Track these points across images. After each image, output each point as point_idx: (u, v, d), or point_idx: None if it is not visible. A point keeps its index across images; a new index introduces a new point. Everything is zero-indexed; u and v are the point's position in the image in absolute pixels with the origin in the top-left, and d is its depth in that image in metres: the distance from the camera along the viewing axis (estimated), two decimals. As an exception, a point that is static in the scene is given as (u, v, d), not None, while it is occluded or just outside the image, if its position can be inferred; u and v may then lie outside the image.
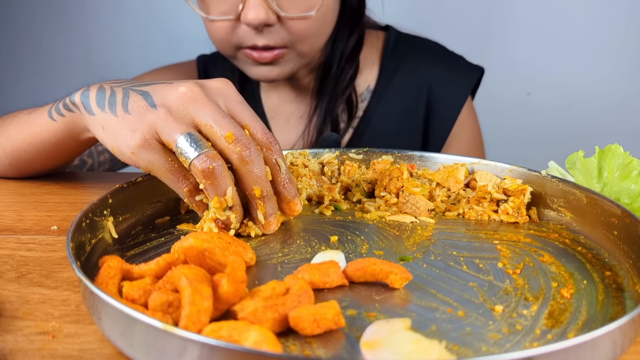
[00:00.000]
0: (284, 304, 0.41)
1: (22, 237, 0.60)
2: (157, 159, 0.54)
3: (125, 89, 0.58)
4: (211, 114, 0.53)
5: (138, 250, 0.55)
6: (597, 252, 0.56)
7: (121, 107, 0.57)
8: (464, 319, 0.44)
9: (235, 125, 0.53)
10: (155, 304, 0.41)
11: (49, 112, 0.67)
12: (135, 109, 0.55)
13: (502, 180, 0.66)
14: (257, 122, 0.56)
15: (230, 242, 0.50)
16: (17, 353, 0.40)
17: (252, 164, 0.53)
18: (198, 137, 0.52)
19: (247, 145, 0.53)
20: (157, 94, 0.56)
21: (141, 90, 0.57)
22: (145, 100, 0.56)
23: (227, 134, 0.52)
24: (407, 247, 0.56)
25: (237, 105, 0.56)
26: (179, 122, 0.53)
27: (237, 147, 0.52)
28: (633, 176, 0.62)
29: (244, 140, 0.53)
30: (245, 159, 0.52)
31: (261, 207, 0.55)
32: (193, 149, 0.52)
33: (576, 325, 0.44)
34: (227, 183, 0.53)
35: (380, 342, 0.39)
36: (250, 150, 0.53)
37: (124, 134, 0.55)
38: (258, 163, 0.53)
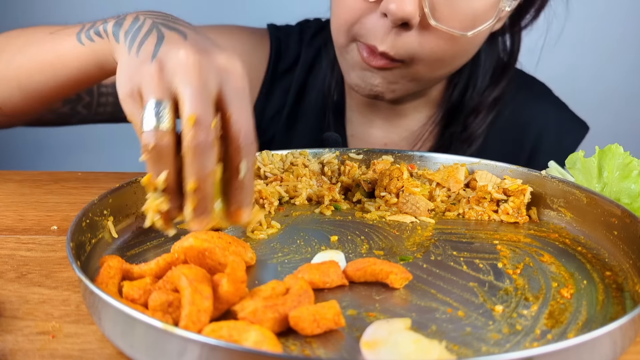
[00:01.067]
0: (284, 304, 0.41)
1: (22, 237, 0.60)
2: (136, 115, 0.52)
3: (153, 24, 0.56)
4: (192, 89, 0.49)
5: (138, 250, 0.55)
6: (597, 252, 0.56)
7: (137, 45, 0.55)
8: (464, 319, 0.44)
9: (206, 109, 0.49)
10: (155, 304, 0.41)
11: (77, 36, 0.64)
12: (142, 54, 0.53)
13: (502, 180, 0.66)
14: (242, 115, 0.51)
15: (230, 242, 0.50)
16: (17, 353, 0.40)
17: (198, 155, 0.49)
18: (167, 109, 0.49)
19: (202, 135, 0.48)
20: (166, 45, 0.53)
21: (161, 33, 0.55)
22: (154, 47, 0.53)
23: (190, 115, 0.48)
24: (407, 247, 0.56)
25: (232, 90, 0.51)
26: (160, 86, 0.50)
27: (192, 132, 0.48)
28: (633, 176, 0.62)
29: (202, 128, 0.48)
30: (193, 147, 0.48)
31: (192, 201, 0.50)
32: (152, 119, 0.49)
33: (576, 325, 0.44)
34: (165, 165, 0.50)
35: (380, 342, 0.39)
36: (201, 141, 0.48)
37: (123, 78, 0.54)
38: (205, 157, 0.49)
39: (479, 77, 0.91)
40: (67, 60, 0.66)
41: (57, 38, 0.67)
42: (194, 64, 0.50)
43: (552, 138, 0.96)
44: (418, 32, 0.73)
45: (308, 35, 0.99)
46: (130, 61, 0.54)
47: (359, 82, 0.81)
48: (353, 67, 0.80)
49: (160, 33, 0.55)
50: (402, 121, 0.95)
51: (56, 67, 0.67)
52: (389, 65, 0.76)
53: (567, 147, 0.95)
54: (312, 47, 0.98)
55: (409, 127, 0.96)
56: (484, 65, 0.90)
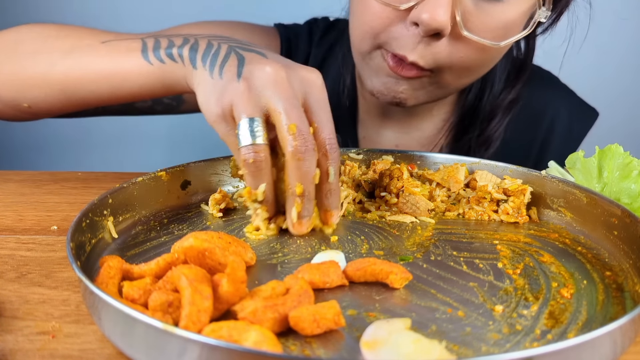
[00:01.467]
0: (284, 304, 0.41)
1: (22, 237, 0.60)
2: (230, 134, 0.55)
3: (229, 48, 0.58)
4: (284, 101, 0.53)
5: (138, 250, 0.55)
6: (597, 252, 0.56)
7: (218, 68, 0.57)
8: (464, 319, 0.44)
9: (302, 119, 0.53)
10: (155, 304, 0.41)
11: (143, 54, 0.64)
12: (226, 76, 0.56)
13: (502, 180, 0.66)
14: (327, 124, 0.55)
15: (230, 242, 0.50)
16: (17, 353, 0.40)
17: (303, 161, 0.53)
18: (259, 125, 0.53)
19: (305, 142, 0.52)
20: (249, 65, 0.55)
21: (240, 55, 0.57)
22: (237, 68, 0.56)
23: (290, 124, 0.52)
24: (407, 247, 0.56)
25: (316, 101, 0.55)
26: (251, 103, 0.54)
27: (295, 141, 0.52)
28: (633, 176, 0.62)
29: (304, 136, 0.52)
30: (298, 154, 0.52)
31: (298, 204, 0.55)
32: (247, 136, 0.53)
33: (576, 325, 0.44)
34: (262, 179, 0.54)
35: (380, 342, 0.39)
36: (306, 147, 0.52)
37: (212, 100, 0.56)
38: (309, 162, 0.53)
39: (495, 81, 0.91)
40: (129, 77, 0.65)
41: (115, 50, 0.66)
42: (283, 78, 0.54)
43: (564, 125, 0.96)
44: (448, 42, 0.71)
45: (317, 35, 0.99)
46: (215, 84, 0.56)
47: (382, 89, 0.79)
48: (377, 74, 0.79)
49: (239, 55, 0.57)
50: (416, 124, 0.95)
51: (114, 81, 0.66)
52: (418, 75, 0.75)
53: (578, 133, 0.96)
54: (321, 48, 0.98)
55: (423, 131, 0.95)
56: (499, 70, 0.90)
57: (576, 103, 0.99)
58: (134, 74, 0.65)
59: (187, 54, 0.61)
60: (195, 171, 0.67)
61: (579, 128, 0.97)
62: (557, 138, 0.96)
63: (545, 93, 0.97)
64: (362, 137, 0.98)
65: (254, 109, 0.54)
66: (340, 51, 0.96)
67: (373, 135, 0.97)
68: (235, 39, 0.62)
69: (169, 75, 0.63)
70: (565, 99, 0.98)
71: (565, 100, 0.98)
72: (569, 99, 0.99)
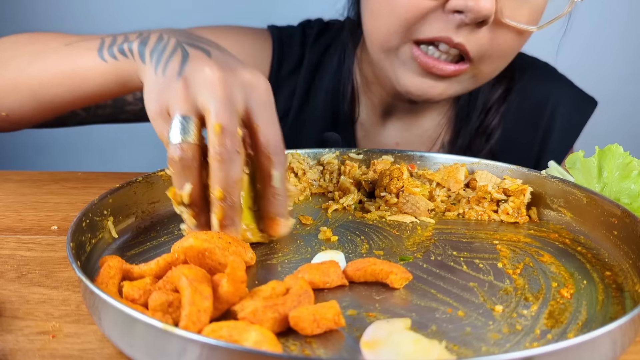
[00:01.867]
0: (284, 304, 0.41)
1: (22, 237, 0.60)
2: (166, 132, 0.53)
3: (177, 43, 0.58)
4: (216, 102, 0.51)
5: (138, 250, 0.55)
6: (597, 252, 0.56)
7: (163, 64, 0.56)
8: (464, 319, 0.44)
9: (231, 120, 0.50)
10: (155, 304, 0.41)
11: (99, 52, 0.64)
12: (168, 73, 0.55)
13: (502, 180, 0.66)
14: (270, 127, 0.53)
15: (230, 242, 0.50)
16: (17, 353, 0.40)
17: (224, 163, 0.49)
18: (192, 124, 0.51)
19: (227, 142, 0.49)
20: (191, 63, 0.54)
21: (185, 52, 0.56)
22: (180, 66, 0.55)
23: (215, 124, 0.50)
24: (407, 247, 0.56)
25: (258, 103, 0.53)
26: (186, 102, 0.52)
27: (217, 140, 0.49)
28: (633, 176, 0.62)
29: (228, 136, 0.49)
30: (217, 155, 0.49)
31: (218, 211, 0.51)
32: (177, 133, 0.51)
33: (576, 325, 0.44)
34: (188, 179, 0.51)
35: (380, 342, 0.39)
36: (227, 148, 0.49)
37: (152, 97, 0.55)
38: (232, 164, 0.50)
39: None
40: (87, 76, 0.66)
41: (75, 51, 0.67)
42: (219, 79, 0.52)
43: (565, 115, 0.97)
44: (489, 29, 0.72)
45: (311, 36, 0.98)
46: (157, 80, 0.56)
47: (414, 89, 0.79)
48: (407, 73, 0.78)
49: (184, 51, 0.56)
50: (416, 121, 0.96)
51: (75, 81, 0.67)
52: (459, 71, 0.75)
53: (578, 123, 0.97)
54: (316, 49, 0.97)
55: (423, 127, 0.96)
56: None
57: (576, 93, 1.00)
58: (91, 73, 0.65)
59: (137, 49, 0.60)
60: (195, 171, 0.67)
61: (579, 117, 0.98)
62: (558, 128, 0.97)
63: (545, 84, 0.98)
64: (361, 136, 0.98)
65: (189, 108, 0.52)
66: (336, 52, 0.96)
67: (373, 134, 0.97)
68: (188, 33, 0.61)
69: (121, 72, 0.63)
70: (564, 89, 1.00)
71: (565, 90, 1.00)
72: (568, 89, 1.00)
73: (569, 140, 0.98)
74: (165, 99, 0.53)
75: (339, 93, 0.95)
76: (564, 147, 0.98)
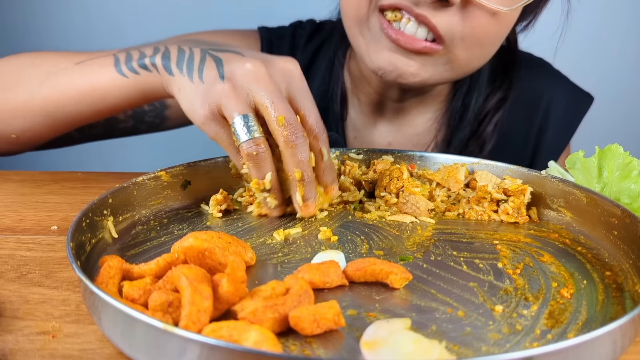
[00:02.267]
0: (284, 304, 0.41)
1: (22, 237, 0.60)
2: (222, 132, 0.58)
3: (203, 52, 0.61)
4: (269, 95, 0.56)
5: (138, 250, 0.55)
6: (597, 252, 0.56)
7: (197, 72, 0.60)
8: (464, 319, 0.44)
9: (288, 110, 0.56)
10: (155, 304, 0.41)
11: (117, 68, 0.67)
12: (207, 78, 0.59)
13: (502, 180, 0.66)
14: (312, 110, 0.59)
15: (230, 242, 0.50)
16: (17, 353, 0.40)
17: (296, 148, 0.56)
18: (252, 120, 0.56)
19: (295, 131, 0.56)
20: (228, 65, 0.59)
21: (216, 57, 0.60)
22: (217, 70, 0.59)
23: (279, 117, 0.56)
24: (407, 247, 0.56)
25: (298, 90, 0.59)
26: (239, 100, 0.57)
27: (285, 131, 0.56)
28: (633, 176, 0.62)
29: (293, 125, 0.56)
30: (291, 142, 0.56)
31: (300, 189, 0.58)
32: (244, 132, 0.56)
33: (576, 325, 0.44)
34: (267, 168, 0.58)
35: (380, 342, 0.39)
36: (296, 136, 0.56)
37: (197, 103, 0.59)
38: (302, 148, 0.57)
39: (482, 80, 0.92)
40: (107, 91, 0.68)
41: (89, 69, 0.69)
42: (264, 73, 0.57)
43: (560, 111, 0.97)
44: (459, 10, 0.72)
45: (303, 38, 0.99)
46: (197, 88, 0.59)
47: (386, 66, 0.76)
48: (378, 47, 0.76)
49: (215, 57, 0.60)
50: (408, 122, 0.95)
51: (95, 98, 0.69)
52: (428, 49, 0.73)
53: (574, 119, 0.97)
54: (307, 52, 0.98)
55: (415, 128, 0.96)
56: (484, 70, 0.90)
57: (571, 88, 0.99)
58: (111, 89, 0.68)
59: (160, 62, 0.64)
60: (195, 171, 0.67)
61: (575, 113, 0.98)
62: (553, 124, 0.97)
63: (540, 80, 0.97)
64: (352, 137, 0.97)
65: (244, 106, 0.57)
66: (327, 54, 0.97)
67: (365, 135, 0.97)
68: (206, 42, 0.64)
69: (144, 85, 0.66)
70: (559, 84, 0.99)
71: (560, 86, 0.99)
72: (563, 84, 0.99)
73: (565, 136, 0.98)
74: (215, 102, 0.57)
75: (328, 94, 0.96)
76: (560, 143, 0.98)
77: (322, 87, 0.96)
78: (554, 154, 0.97)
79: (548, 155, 0.94)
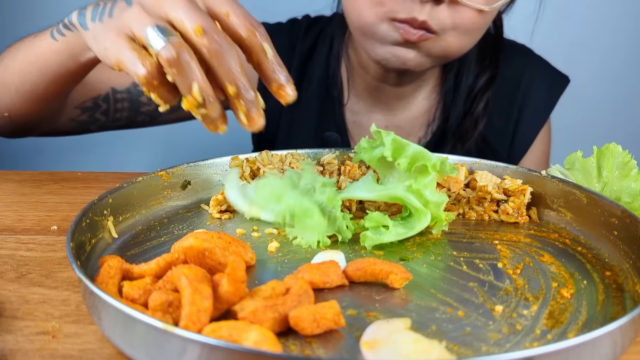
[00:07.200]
0: (284, 303, 0.41)
1: (22, 237, 0.60)
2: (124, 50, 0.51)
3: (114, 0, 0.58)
4: (183, 7, 0.50)
5: (138, 250, 0.55)
6: (597, 252, 0.56)
7: (107, 14, 0.57)
8: (464, 319, 0.44)
9: (206, 18, 0.49)
10: (155, 304, 0.41)
11: (51, 33, 0.68)
12: (116, 13, 0.55)
13: (502, 180, 0.66)
14: (237, 7, 0.52)
15: (230, 242, 0.50)
16: (17, 353, 0.40)
17: (222, 56, 0.49)
18: (167, 28, 0.49)
19: (216, 38, 0.49)
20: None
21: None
22: (126, 2, 0.54)
23: (195, 27, 0.48)
24: (407, 247, 0.56)
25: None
26: (151, 16, 0.50)
27: (204, 40, 0.48)
28: (633, 174, 0.62)
29: (212, 33, 0.49)
30: (213, 51, 0.48)
31: (240, 105, 0.50)
32: (160, 38, 0.49)
33: (576, 325, 0.44)
34: (194, 74, 0.49)
35: (380, 342, 0.39)
36: (218, 42, 0.49)
37: (104, 36, 0.54)
38: (228, 55, 0.49)
39: (470, 61, 0.97)
40: (46, 59, 0.70)
41: (37, 39, 0.72)
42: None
43: (539, 91, 1.02)
44: (448, 7, 0.79)
45: (301, 30, 1.02)
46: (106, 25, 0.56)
47: (389, 56, 0.84)
48: (382, 44, 0.84)
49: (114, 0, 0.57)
50: (404, 106, 1.00)
51: (40, 66, 0.71)
52: (424, 37, 0.80)
53: (551, 99, 1.03)
54: (307, 40, 1.01)
55: (410, 111, 1.00)
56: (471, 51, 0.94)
57: (549, 70, 1.05)
58: (48, 55, 0.69)
59: (76, 19, 0.62)
60: (195, 171, 0.67)
61: (552, 93, 1.03)
62: (531, 103, 1.02)
63: (519, 62, 1.03)
64: (351, 121, 1.02)
65: (156, 19, 0.50)
66: (325, 42, 1.00)
67: (363, 119, 1.01)
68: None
69: (71, 46, 0.66)
70: (538, 66, 1.04)
71: (538, 67, 1.04)
72: (541, 66, 1.05)
73: (541, 116, 1.03)
74: (121, 26, 0.51)
75: (329, 80, 1.00)
76: (540, 119, 1.03)
77: (323, 75, 1.00)
78: (532, 130, 1.03)
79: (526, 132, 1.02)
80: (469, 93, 0.97)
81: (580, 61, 1.62)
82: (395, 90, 0.97)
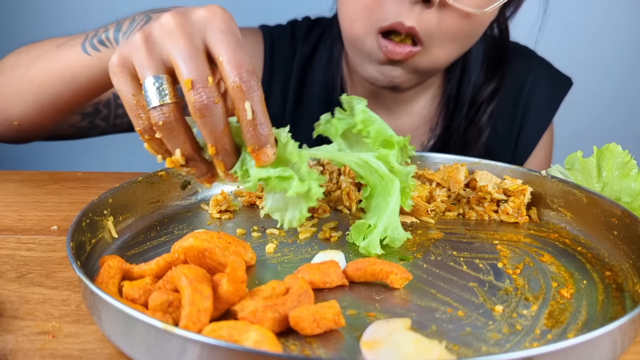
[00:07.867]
0: (284, 303, 0.41)
1: (22, 237, 0.60)
2: (124, 87, 0.51)
3: (146, 15, 0.59)
4: (181, 52, 0.48)
5: (138, 250, 0.55)
6: (597, 252, 0.56)
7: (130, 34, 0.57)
8: (464, 319, 0.44)
9: (198, 68, 0.48)
10: (155, 304, 0.41)
11: (82, 46, 0.67)
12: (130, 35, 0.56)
13: (502, 180, 0.66)
14: (233, 54, 0.49)
15: (230, 242, 0.50)
16: (17, 353, 0.41)
17: (206, 115, 0.48)
18: (165, 83, 0.49)
19: (202, 97, 0.48)
20: (151, 22, 0.52)
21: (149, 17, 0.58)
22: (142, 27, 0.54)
23: (185, 80, 0.48)
24: (407, 247, 0.56)
25: (215, 35, 0.50)
26: (152, 58, 0.50)
27: (192, 96, 0.48)
28: (633, 174, 0.62)
29: (199, 90, 0.48)
30: (197, 108, 0.48)
31: (218, 164, 0.50)
32: (156, 96, 0.49)
33: (576, 325, 0.44)
34: (178, 140, 0.50)
35: (380, 342, 0.39)
36: (203, 102, 0.48)
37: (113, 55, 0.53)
38: (212, 117, 0.48)
39: (472, 69, 0.96)
40: (75, 72, 0.68)
41: (63, 50, 0.69)
42: (177, 26, 0.49)
43: (543, 93, 1.02)
44: (437, 10, 0.76)
45: (301, 32, 1.01)
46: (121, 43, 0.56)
47: (377, 75, 0.83)
48: (370, 61, 0.82)
49: (148, 17, 0.57)
50: (405, 110, 0.99)
51: (66, 79, 0.69)
52: (410, 54, 0.78)
53: (554, 100, 1.03)
54: (307, 43, 1.01)
55: (412, 116, 0.99)
56: (475, 56, 0.94)
57: (552, 72, 1.04)
58: (78, 68, 0.67)
59: (113, 36, 0.62)
60: (195, 171, 0.67)
61: (555, 95, 1.03)
62: (535, 105, 1.01)
63: (523, 65, 1.02)
64: None
65: (157, 64, 0.50)
66: (326, 45, 0.99)
67: None
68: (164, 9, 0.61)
69: (104, 62, 0.65)
70: (541, 68, 1.04)
71: (542, 70, 1.03)
72: (545, 68, 1.04)
73: (544, 118, 1.03)
74: (126, 52, 0.51)
75: (330, 84, 0.99)
76: (544, 121, 1.03)
77: (324, 77, 0.99)
78: (537, 132, 1.02)
79: (531, 134, 1.01)
80: (473, 103, 0.96)
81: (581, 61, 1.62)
82: (395, 95, 0.97)
